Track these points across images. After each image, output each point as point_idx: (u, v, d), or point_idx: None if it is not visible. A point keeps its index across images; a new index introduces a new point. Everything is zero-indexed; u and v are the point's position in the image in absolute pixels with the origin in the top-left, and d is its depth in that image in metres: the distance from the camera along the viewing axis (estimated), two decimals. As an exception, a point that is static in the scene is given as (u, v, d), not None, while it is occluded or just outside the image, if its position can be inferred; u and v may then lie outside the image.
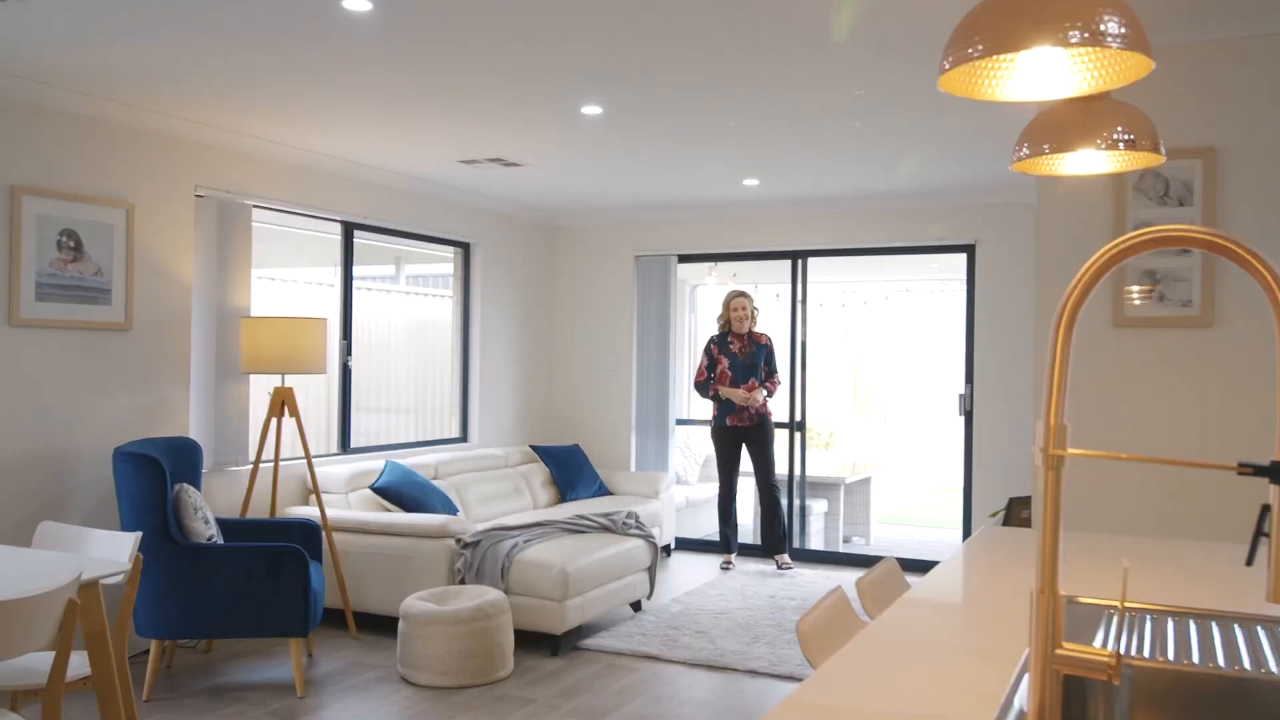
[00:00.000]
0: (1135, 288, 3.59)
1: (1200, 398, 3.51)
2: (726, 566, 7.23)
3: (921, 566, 7.27)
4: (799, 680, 4.84)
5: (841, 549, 8.18)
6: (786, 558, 7.22)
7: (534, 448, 7.53)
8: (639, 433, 8.04)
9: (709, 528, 8.72)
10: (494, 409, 7.68)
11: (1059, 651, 1.24)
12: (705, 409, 7.46)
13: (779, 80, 4.39)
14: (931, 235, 7.09)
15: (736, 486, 7.28)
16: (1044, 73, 1.53)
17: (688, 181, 6.66)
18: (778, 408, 7.36)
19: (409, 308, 7.45)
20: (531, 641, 5.22)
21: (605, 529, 5.83)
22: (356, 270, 6.57)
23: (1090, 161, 2.09)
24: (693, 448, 9.59)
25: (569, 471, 7.42)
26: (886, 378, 11.52)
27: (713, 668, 5.00)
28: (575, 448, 7.71)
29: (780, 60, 4.10)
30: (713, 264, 8.79)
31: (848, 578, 6.90)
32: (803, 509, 7.70)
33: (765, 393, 7.08)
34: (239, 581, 4.41)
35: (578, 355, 8.25)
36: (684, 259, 7.98)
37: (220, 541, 4.66)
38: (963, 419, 7.11)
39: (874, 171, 6.24)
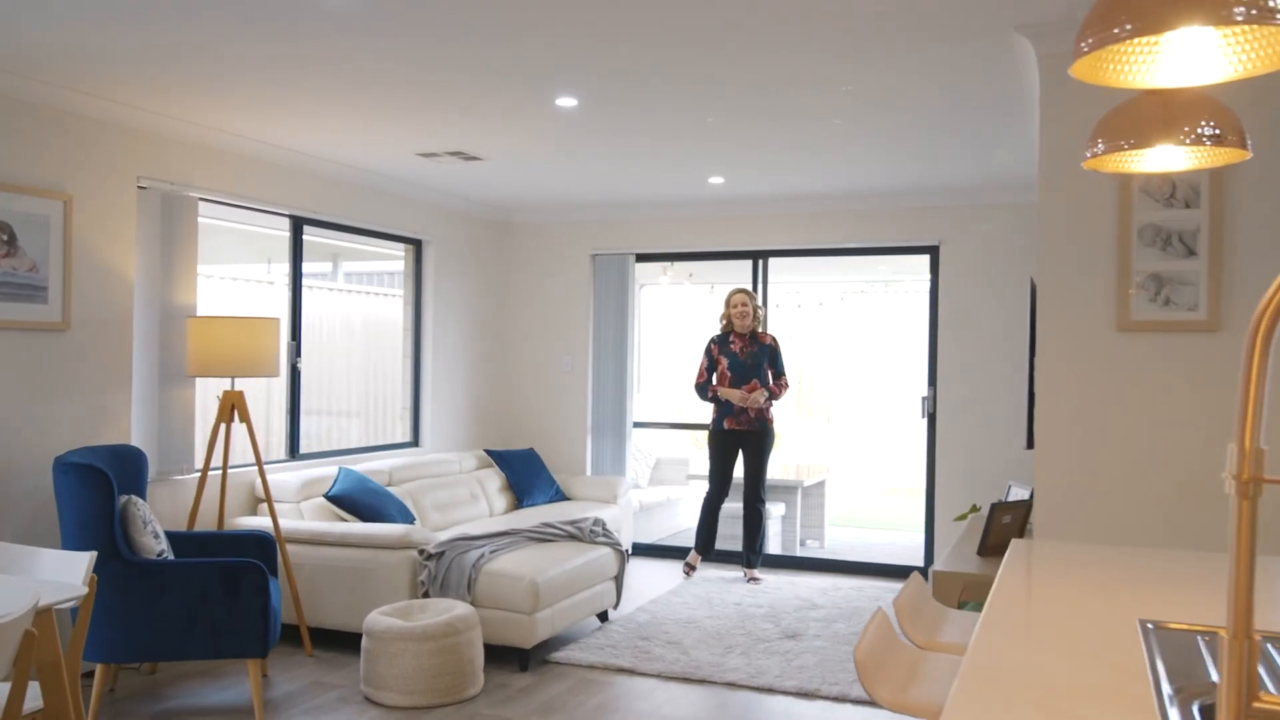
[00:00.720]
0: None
1: (1206, 404, 3.45)
2: (689, 571, 7.01)
3: (881, 570, 7.21)
4: (779, 693, 4.72)
5: (799, 553, 8.08)
6: (757, 574, 6.91)
7: (489, 452, 7.29)
8: (595, 436, 7.85)
9: (662, 531, 8.57)
10: (446, 412, 7.42)
11: (1257, 705, 1.09)
12: (667, 411, 7.30)
13: (766, 76, 4.24)
14: (894, 236, 7.03)
15: (727, 492, 6.96)
16: (1190, 56, 1.39)
17: (651, 178, 6.49)
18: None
19: (352, 306, 7.12)
20: (499, 656, 5.00)
21: (572, 537, 5.63)
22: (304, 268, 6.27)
23: (1170, 158, 1.97)
24: (644, 450, 9.43)
25: (525, 477, 7.19)
26: (833, 379, 11.50)
27: (689, 680, 4.83)
28: (530, 452, 7.49)
29: (771, 55, 3.95)
30: (666, 264, 8.64)
31: (810, 582, 6.81)
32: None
33: (767, 395, 6.77)
34: (193, 600, 4.12)
35: (532, 356, 8.03)
36: (642, 258, 7.81)
37: (171, 557, 4.36)
38: (925, 421, 7.05)
39: (844, 171, 6.14)
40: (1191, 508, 3.46)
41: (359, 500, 5.60)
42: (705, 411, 7.07)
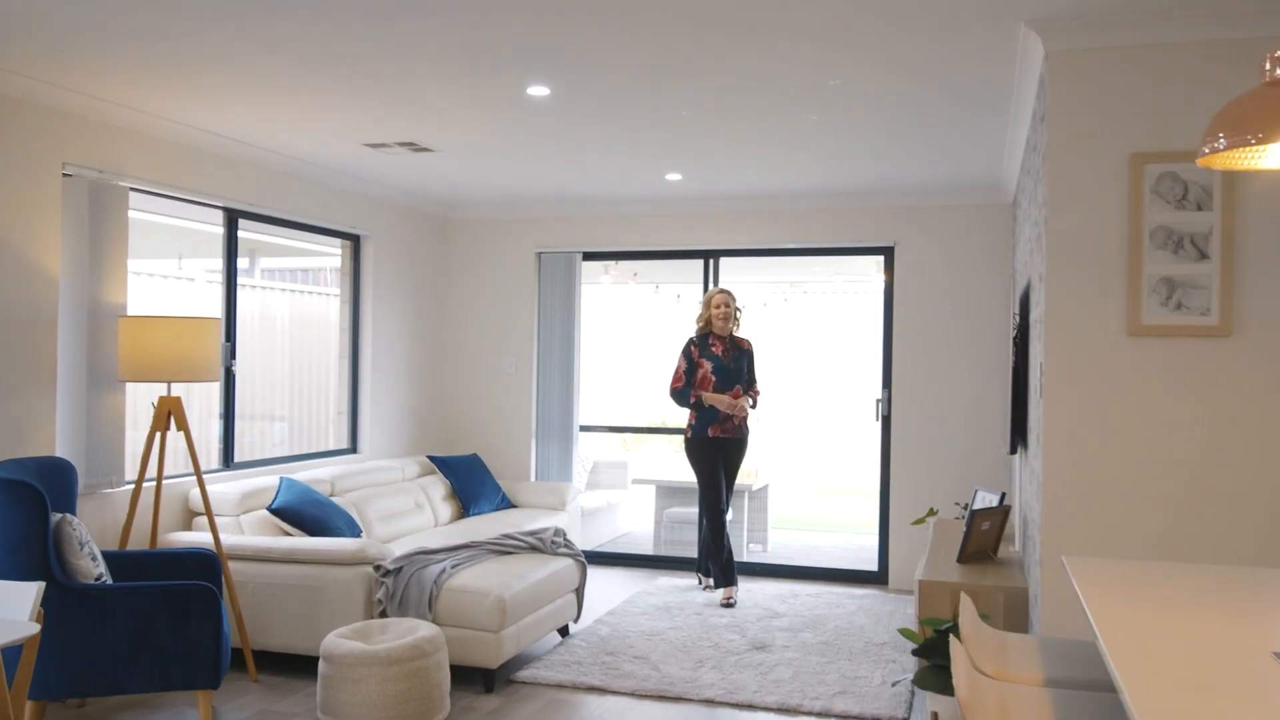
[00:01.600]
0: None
1: (1218, 410, 3.38)
2: (730, 603, 6.23)
3: (835, 576, 7.08)
4: (760, 709, 4.54)
5: (748, 558, 7.93)
6: (734, 594, 6.28)
7: (431, 458, 6.96)
8: (540, 440, 7.59)
9: (603, 537, 8.34)
10: (386, 417, 7.07)
11: None
12: (611, 414, 7.04)
13: (748, 69, 4.06)
14: (849, 237, 6.93)
15: (728, 506, 6.49)
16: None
17: (607, 174, 6.26)
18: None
19: (274, 305, 6.66)
20: (461, 677, 4.72)
21: (534, 549, 5.37)
22: (212, 264, 5.87)
23: (1296, 154, 1.83)
24: (581, 453, 9.18)
25: (470, 484, 6.89)
26: (774, 380, 11.41)
27: (664, 698, 4.63)
28: (474, 457, 7.19)
29: (756, 48, 3.78)
30: (608, 263, 8.41)
31: (765, 589, 6.66)
32: (713, 518, 7.41)
33: (750, 401, 6.43)
34: (138, 628, 3.75)
35: (474, 358, 7.72)
36: (589, 256, 7.57)
37: (109, 581, 3.98)
38: (880, 424, 6.98)
39: (807, 170, 6.00)
40: (1204, 517, 3.39)
41: (304, 513, 5.25)
42: (656, 415, 6.83)
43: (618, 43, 3.79)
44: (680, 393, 6.38)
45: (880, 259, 7.62)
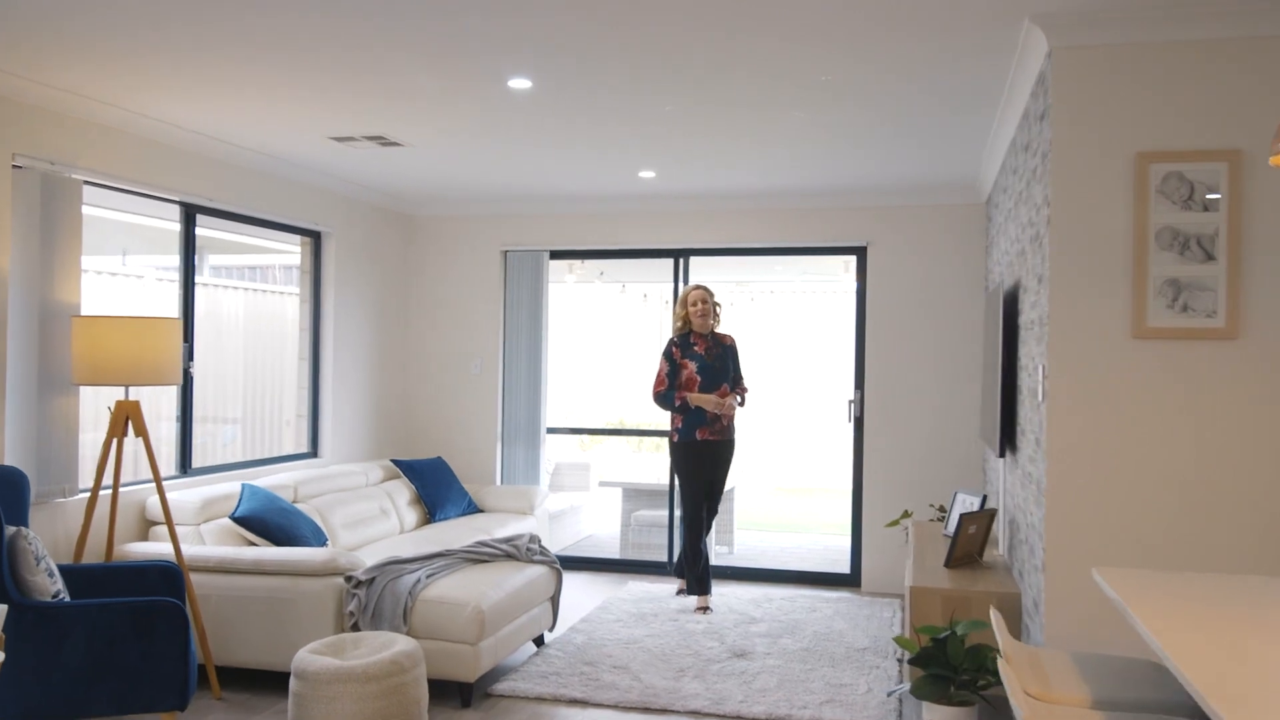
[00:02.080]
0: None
1: (1224, 414, 3.34)
2: (705, 609, 6.07)
3: (807, 579, 6.98)
4: (759, 723, 4.42)
5: (715, 561, 7.83)
6: (710, 602, 6.15)
7: (396, 462, 6.75)
8: (506, 443, 7.41)
9: (566, 540, 8.19)
10: (348, 419, 6.85)
11: None
12: (577, 416, 6.88)
13: (736, 64, 3.95)
14: (821, 236, 6.85)
15: (718, 510, 6.29)
16: None
17: (580, 170, 6.11)
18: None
19: (225, 304, 6.37)
20: (438, 691, 4.55)
21: (509, 556, 5.20)
22: (162, 261, 5.62)
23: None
24: (546, 456, 9.02)
25: (436, 488, 6.70)
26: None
27: (649, 710, 4.50)
28: (439, 461, 6.99)
29: (747, 43, 3.67)
30: (573, 261, 8.25)
31: (739, 593, 6.55)
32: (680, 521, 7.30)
33: (739, 400, 6.15)
34: (100, 648, 3.53)
35: (439, 359, 7.52)
36: (557, 255, 7.41)
37: (67, 598, 3.74)
38: (852, 425, 6.91)
39: (783, 168, 5.90)
40: (1211, 523, 3.34)
41: (269, 521, 5.03)
42: (614, 415, 6.66)
43: (605, 34, 3.66)
44: (664, 396, 6.10)
45: (848, 259, 7.58)
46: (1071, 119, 3.45)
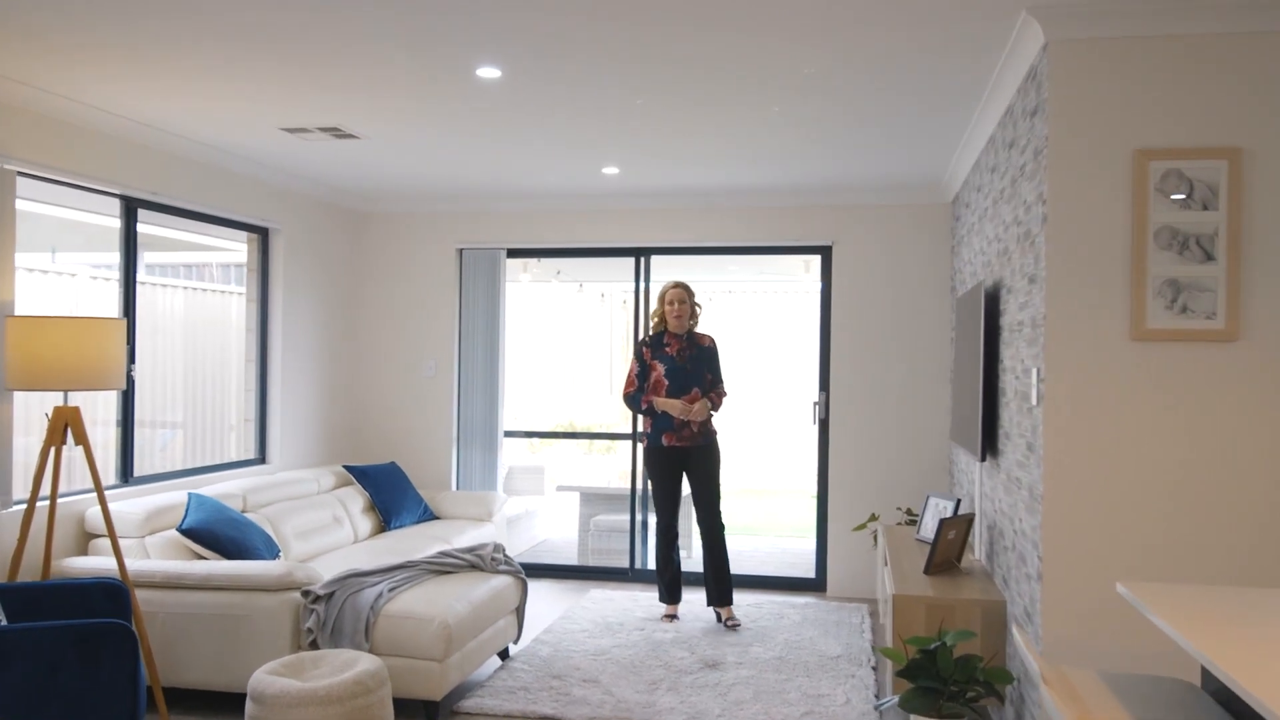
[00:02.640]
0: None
1: (1225, 417, 3.26)
2: (671, 618, 5.92)
3: (771, 584, 6.85)
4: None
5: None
6: (734, 612, 5.86)
7: (348, 468, 6.49)
8: (462, 447, 7.18)
9: (521, 545, 7.99)
10: (298, 424, 6.57)
11: None
12: (534, 419, 6.68)
13: (719, 56, 3.80)
14: (785, 235, 6.74)
15: (677, 518, 6.02)
16: None
17: (542, 165, 5.91)
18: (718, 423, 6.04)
19: (163, 303, 6.04)
20: (401, 710, 4.34)
21: (473, 566, 4.99)
22: (95, 258, 5.32)
23: None
24: (504, 460, 8.80)
25: (390, 495, 6.45)
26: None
27: (623, 726, 4.33)
28: (393, 466, 6.74)
29: (733, 33, 3.51)
30: (528, 260, 8.05)
31: (700, 598, 6.39)
32: (644, 524, 7.15)
33: (709, 405, 5.80)
34: (41, 674, 3.26)
35: (392, 360, 7.27)
36: (515, 253, 7.20)
37: (4, 621, 3.47)
38: (816, 428, 6.81)
39: (750, 165, 5.76)
40: (1212, 529, 3.26)
41: (219, 533, 4.76)
42: (564, 417, 6.43)
43: (580, 23, 3.49)
44: (632, 398, 5.89)
45: (809, 259, 7.49)
46: (1068, 115, 3.36)
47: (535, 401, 10.82)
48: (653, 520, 7.36)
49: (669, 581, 5.98)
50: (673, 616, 5.95)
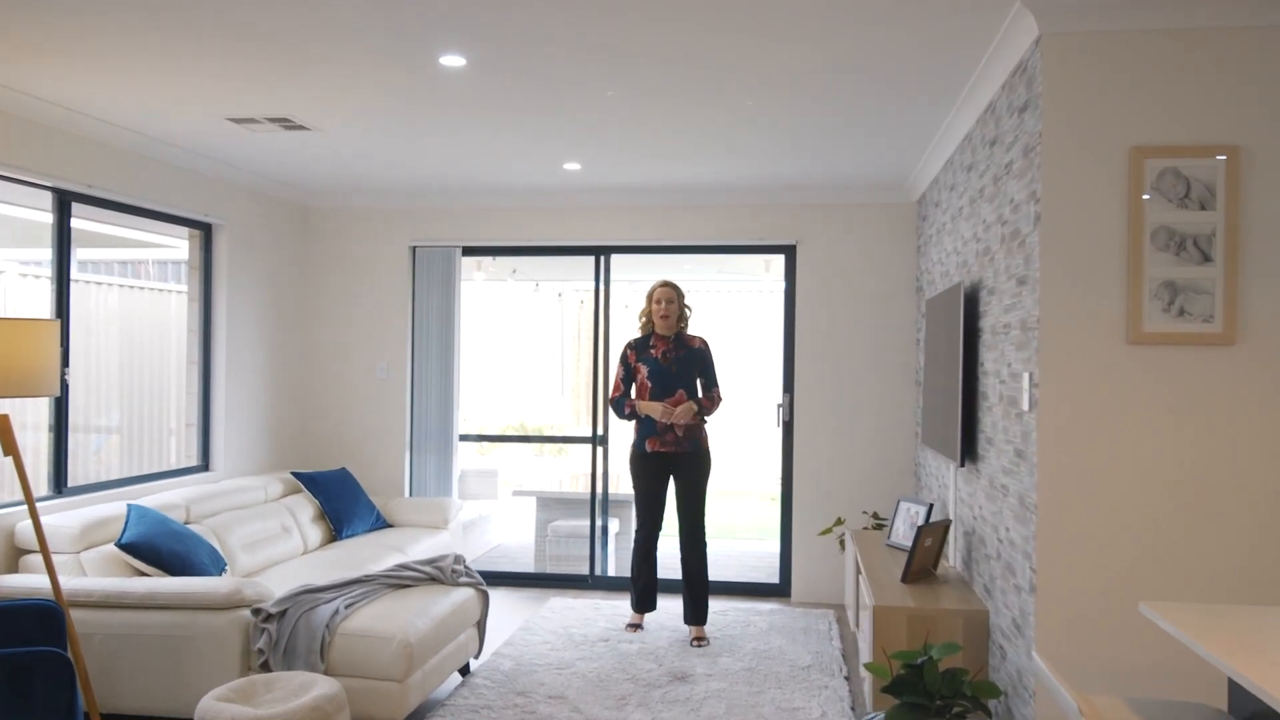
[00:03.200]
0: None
1: (1222, 421, 3.17)
2: (635, 627, 5.75)
3: (736, 589, 6.67)
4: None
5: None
6: (704, 632, 5.57)
7: (296, 475, 6.22)
8: (416, 452, 6.94)
9: (475, 551, 7.76)
10: (243, 429, 6.28)
11: None
12: (489, 422, 6.46)
13: (694, 48, 3.62)
14: (748, 234, 6.59)
15: (659, 529, 5.71)
16: None
17: (500, 160, 5.69)
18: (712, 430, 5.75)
19: (95, 302, 5.72)
20: (359, 734, 4.11)
21: (433, 579, 4.77)
22: (21, 255, 5.01)
23: None
24: (459, 465, 8.55)
25: (341, 502, 6.19)
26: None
27: (593, 746, 4.15)
28: (344, 472, 6.48)
29: (710, 24, 3.35)
30: (482, 258, 7.82)
31: (667, 607, 6.21)
32: (604, 530, 6.96)
33: (696, 409, 5.46)
34: (-33, 711, 3.00)
35: (342, 362, 6.99)
36: (470, 251, 6.97)
37: (-74, 650, 3.19)
38: (780, 430, 6.68)
39: (717, 161, 5.60)
40: (1211, 537, 3.17)
41: (161, 547, 4.49)
42: (514, 419, 6.21)
43: (550, 12, 3.29)
44: (616, 403, 5.63)
45: (770, 259, 7.35)
46: (1062, 110, 3.24)
47: (484, 403, 10.57)
48: (613, 526, 7.23)
49: (642, 589, 5.77)
50: (637, 626, 5.77)
